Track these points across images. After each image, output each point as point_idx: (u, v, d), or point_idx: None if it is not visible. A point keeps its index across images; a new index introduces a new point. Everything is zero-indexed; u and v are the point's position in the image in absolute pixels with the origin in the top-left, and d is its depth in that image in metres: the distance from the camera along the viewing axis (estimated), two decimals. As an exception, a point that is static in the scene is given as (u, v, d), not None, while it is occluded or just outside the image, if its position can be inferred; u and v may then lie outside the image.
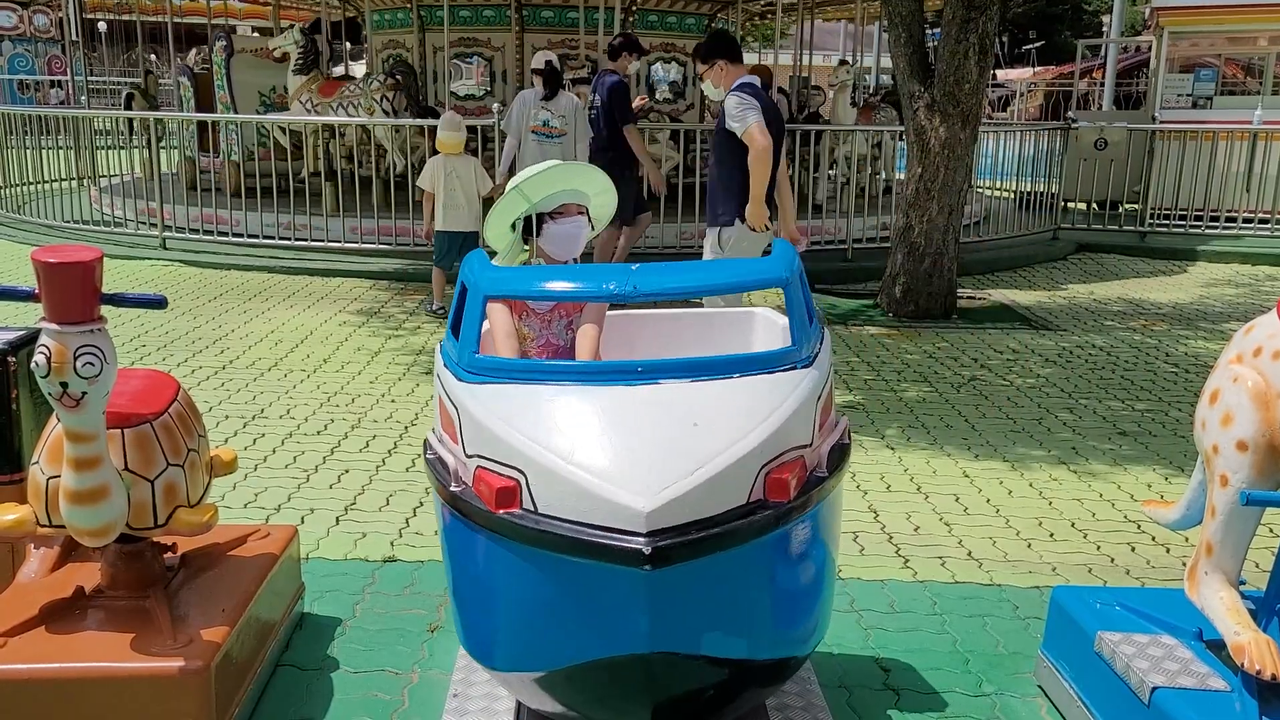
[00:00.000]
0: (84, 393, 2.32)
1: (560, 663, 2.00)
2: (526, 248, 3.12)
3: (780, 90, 12.36)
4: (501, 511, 1.97)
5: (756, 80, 5.85)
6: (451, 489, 2.15)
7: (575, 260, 3.15)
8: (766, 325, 3.08)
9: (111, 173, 12.51)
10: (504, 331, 2.87)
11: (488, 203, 7.68)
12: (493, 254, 2.94)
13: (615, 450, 1.93)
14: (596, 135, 8.27)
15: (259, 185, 10.62)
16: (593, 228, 3.18)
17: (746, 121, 5.51)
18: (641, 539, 1.80)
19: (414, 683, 3.04)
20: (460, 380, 2.26)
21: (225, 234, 10.18)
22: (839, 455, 2.30)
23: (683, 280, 2.42)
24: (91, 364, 2.31)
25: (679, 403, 2.05)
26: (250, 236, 10.12)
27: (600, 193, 3.19)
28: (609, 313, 3.20)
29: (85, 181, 12.19)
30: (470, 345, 2.29)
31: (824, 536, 2.22)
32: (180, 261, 9.86)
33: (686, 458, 1.91)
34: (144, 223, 10.69)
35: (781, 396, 2.11)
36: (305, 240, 9.99)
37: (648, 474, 1.87)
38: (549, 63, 8.23)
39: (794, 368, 2.24)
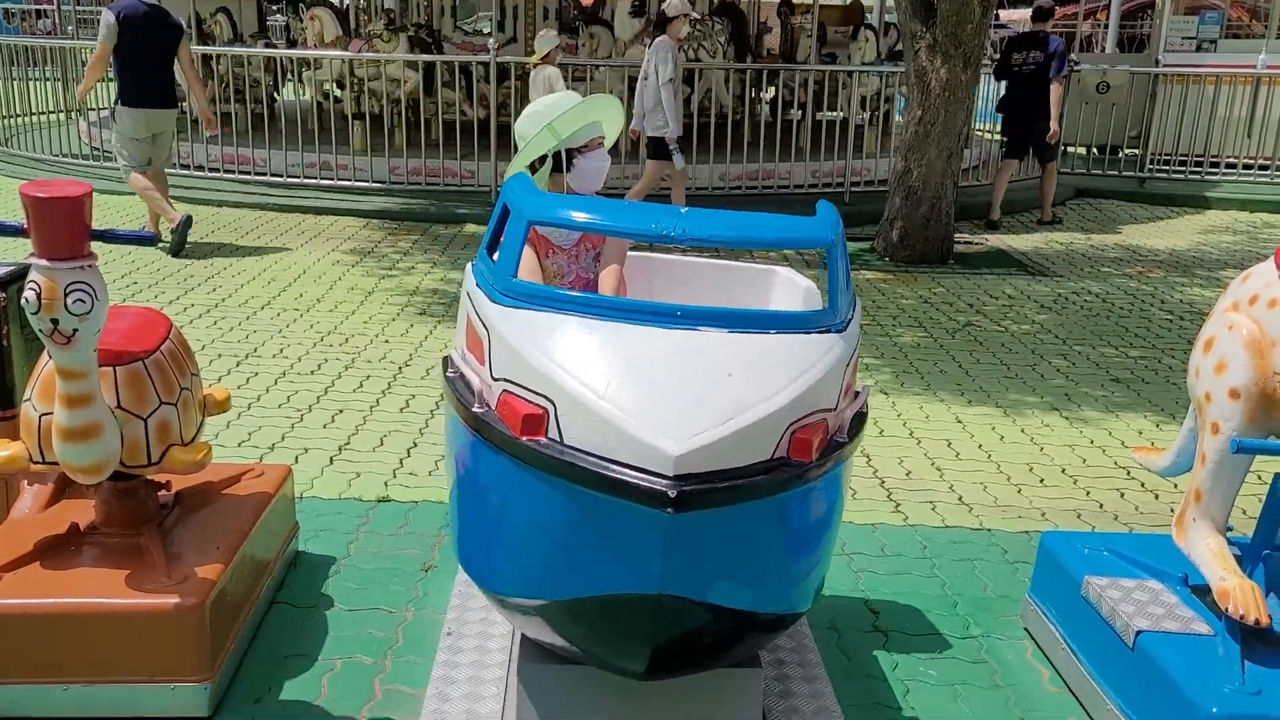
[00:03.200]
0: (75, 330, 2.30)
1: (566, 593, 2.00)
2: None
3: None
4: (526, 438, 1.96)
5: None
6: (474, 409, 2.14)
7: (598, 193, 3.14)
8: (786, 285, 3.06)
9: (102, 105, 12.32)
10: (528, 268, 2.86)
11: None
12: None
13: (649, 391, 1.91)
14: (1022, 84, 9.54)
15: None
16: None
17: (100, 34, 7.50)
18: (667, 481, 1.80)
19: (408, 621, 3.07)
20: (494, 302, 2.23)
21: (217, 170, 10.08)
22: (858, 424, 2.30)
23: (730, 230, 2.37)
24: (82, 301, 2.29)
25: (715, 351, 2.03)
26: (243, 173, 10.03)
27: (614, 120, 3.17)
28: (629, 252, 3.17)
29: (75, 114, 12.01)
30: (509, 268, 2.25)
31: (835, 501, 2.24)
32: (173, 198, 9.74)
33: (718, 407, 1.89)
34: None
35: (814, 358, 2.10)
36: (298, 178, 9.90)
37: (679, 418, 1.86)
38: (660, 12, 8.78)
39: (828, 331, 2.23)
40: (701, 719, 2.29)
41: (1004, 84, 10.16)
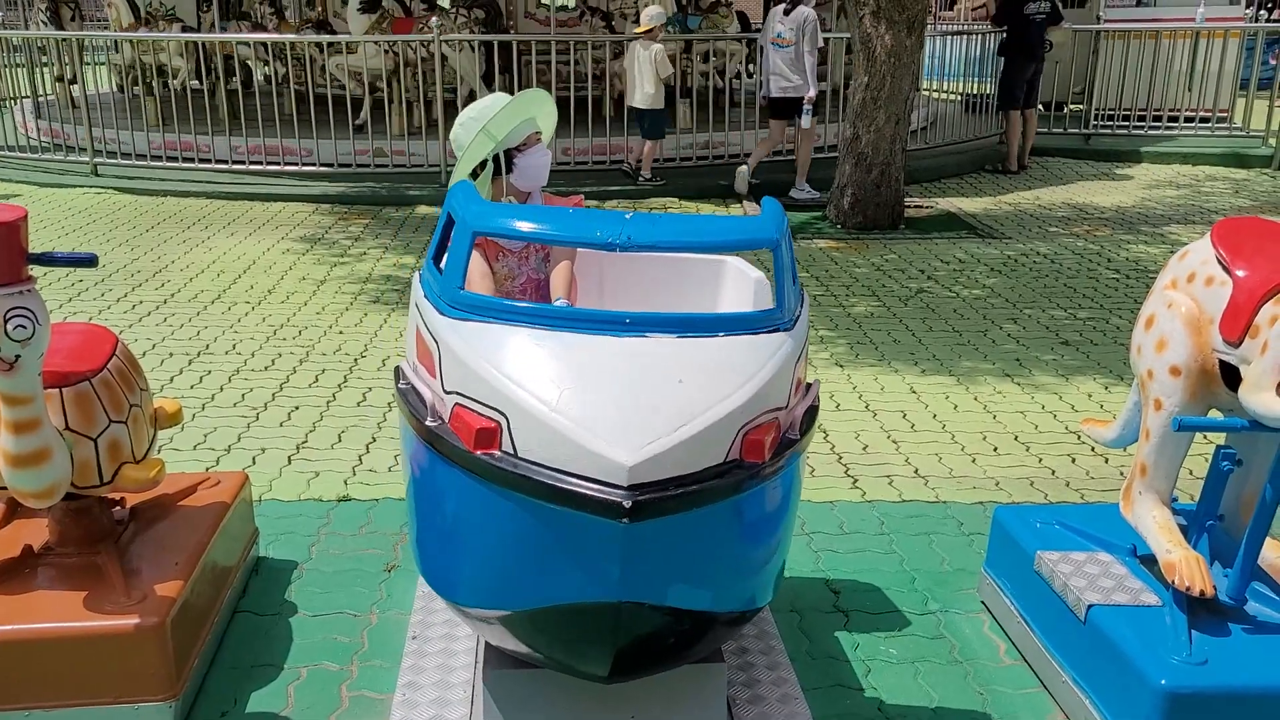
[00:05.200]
0: (17, 355, 2.27)
1: (527, 604, 2.02)
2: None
3: None
4: (480, 452, 1.96)
5: None
6: (427, 423, 2.13)
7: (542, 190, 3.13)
8: (737, 276, 3.08)
9: (37, 93, 12.02)
10: (479, 273, 2.85)
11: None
12: None
13: (601, 401, 1.92)
14: (1033, 32, 10.60)
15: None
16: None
17: None
18: (622, 492, 1.81)
19: (373, 624, 3.07)
20: (442, 314, 2.22)
21: (159, 158, 9.89)
22: (810, 418, 2.33)
23: (674, 235, 2.37)
24: (23, 326, 2.26)
25: (665, 358, 2.04)
26: (185, 160, 9.85)
27: (548, 114, 3.16)
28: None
29: (8, 103, 11.71)
30: (455, 279, 2.24)
31: (791, 496, 2.26)
32: (113, 189, 9.58)
33: (670, 414, 1.90)
34: (73, 148, 10.34)
35: (764, 359, 2.12)
36: (244, 163, 9.74)
37: (632, 428, 1.87)
38: None
39: (777, 330, 2.24)
40: (667, 717, 2.32)
41: (998, 38, 11.06)
